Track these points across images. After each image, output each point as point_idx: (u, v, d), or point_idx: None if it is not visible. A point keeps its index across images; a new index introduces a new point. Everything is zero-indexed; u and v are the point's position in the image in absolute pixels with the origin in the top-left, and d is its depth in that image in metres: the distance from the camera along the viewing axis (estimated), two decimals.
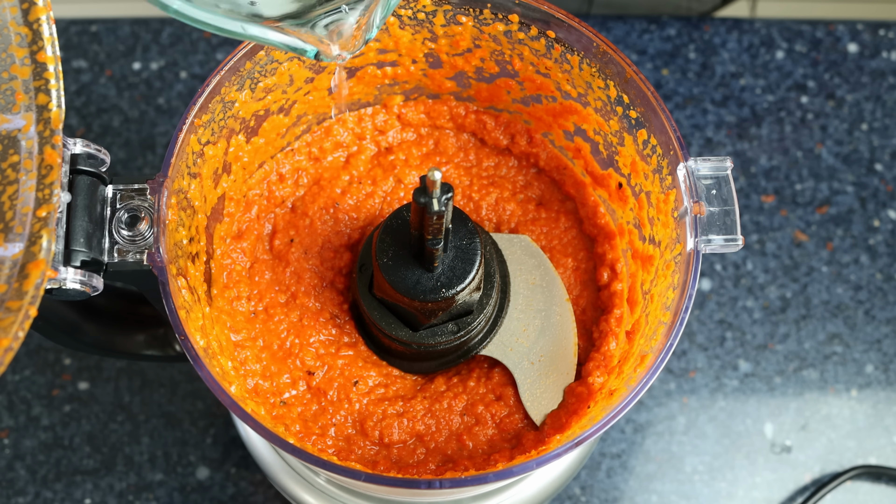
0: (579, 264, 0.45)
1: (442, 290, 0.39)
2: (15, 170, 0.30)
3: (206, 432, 0.58)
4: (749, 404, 0.60)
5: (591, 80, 0.42)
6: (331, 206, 0.45)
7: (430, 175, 0.34)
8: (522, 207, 0.46)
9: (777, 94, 0.66)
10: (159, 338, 0.49)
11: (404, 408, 0.42)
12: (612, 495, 0.58)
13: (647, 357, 0.37)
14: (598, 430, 0.35)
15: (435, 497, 0.46)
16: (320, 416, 0.42)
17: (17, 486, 0.57)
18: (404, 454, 0.42)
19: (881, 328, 0.61)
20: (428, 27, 0.43)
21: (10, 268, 0.29)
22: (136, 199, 0.36)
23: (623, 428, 0.59)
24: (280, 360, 0.42)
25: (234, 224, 0.44)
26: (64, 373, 0.59)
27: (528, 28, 0.42)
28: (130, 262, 0.35)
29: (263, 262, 0.44)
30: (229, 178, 0.43)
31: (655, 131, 0.40)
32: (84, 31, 0.66)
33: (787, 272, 0.62)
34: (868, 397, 0.60)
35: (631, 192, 0.43)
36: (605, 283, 0.44)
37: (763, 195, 0.64)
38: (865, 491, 0.58)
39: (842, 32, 0.68)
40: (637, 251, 0.43)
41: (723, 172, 0.38)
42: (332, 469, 0.35)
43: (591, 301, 0.45)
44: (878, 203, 0.64)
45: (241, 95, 0.41)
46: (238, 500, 0.57)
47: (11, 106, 0.30)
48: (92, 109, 0.64)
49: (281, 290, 0.44)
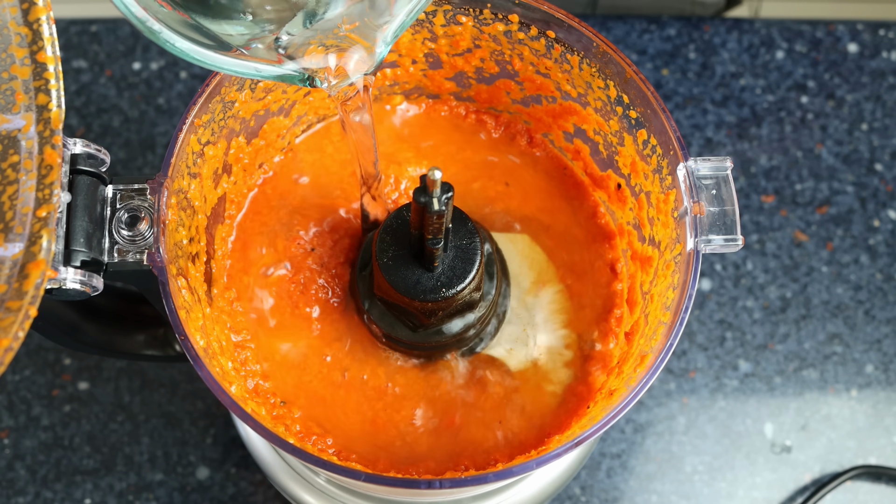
0: (579, 264, 0.45)
1: (442, 290, 0.39)
2: (15, 170, 0.30)
3: (206, 432, 0.58)
4: (749, 404, 0.60)
5: (591, 80, 0.42)
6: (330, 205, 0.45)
7: (431, 174, 0.34)
8: (522, 208, 0.46)
9: (777, 94, 0.66)
10: (159, 338, 0.49)
11: (405, 407, 0.42)
12: (612, 495, 0.58)
13: (647, 357, 0.37)
14: (598, 430, 0.35)
15: (435, 497, 0.46)
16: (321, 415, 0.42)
17: (17, 486, 0.57)
18: (404, 453, 0.42)
19: (881, 328, 0.61)
20: (428, 27, 0.43)
21: (10, 268, 0.29)
22: (136, 199, 0.36)
23: (623, 428, 0.59)
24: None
25: (235, 229, 0.44)
26: (64, 373, 0.59)
27: (528, 28, 0.42)
28: (130, 262, 0.35)
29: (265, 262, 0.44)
30: (230, 178, 0.43)
31: (655, 131, 0.40)
32: (84, 31, 0.66)
33: (787, 272, 0.62)
34: (868, 397, 0.60)
35: (630, 192, 0.43)
36: (604, 283, 0.44)
37: (763, 195, 0.64)
38: (865, 491, 0.58)
39: (842, 32, 0.68)
40: (636, 252, 0.43)
41: (723, 172, 0.38)
42: (332, 469, 0.35)
43: (590, 301, 0.45)
44: (878, 203, 0.64)
45: (241, 95, 0.41)
46: (238, 500, 0.57)
47: (11, 106, 0.30)
48: (92, 109, 0.64)
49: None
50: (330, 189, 0.46)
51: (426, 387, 0.43)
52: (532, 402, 0.42)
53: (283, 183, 0.46)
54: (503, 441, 0.42)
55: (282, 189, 0.46)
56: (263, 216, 0.45)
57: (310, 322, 0.43)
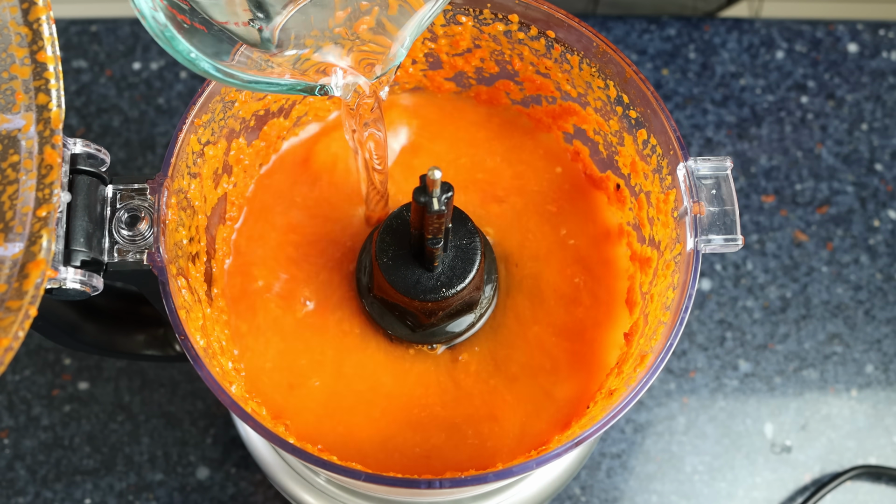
0: (578, 265, 0.45)
1: (442, 290, 0.39)
2: (15, 170, 0.30)
3: (206, 432, 0.58)
4: (749, 404, 0.60)
5: (590, 80, 0.42)
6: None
7: (431, 174, 0.34)
8: (521, 207, 0.46)
9: (777, 94, 0.66)
10: (159, 338, 0.49)
11: (405, 408, 0.42)
12: (612, 495, 0.58)
13: (647, 357, 0.37)
14: (598, 430, 0.35)
15: (435, 497, 0.46)
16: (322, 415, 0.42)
17: (17, 486, 0.57)
18: (404, 453, 0.42)
19: (881, 328, 0.61)
20: (428, 27, 0.43)
21: (10, 268, 0.29)
22: (136, 199, 0.36)
23: (623, 428, 0.59)
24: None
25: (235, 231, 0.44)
26: (64, 373, 0.59)
27: (528, 28, 0.42)
28: (130, 261, 0.35)
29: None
30: (230, 179, 0.43)
31: (655, 131, 0.40)
32: (84, 31, 0.66)
33: (787, 272, 0.62)
34: (868, 397, 0.60)
35: (630, 192, 0.43)
36: (603, 283, 0.44)
37: (763, 195, 0.64)
38: (865, 491, 0.58)
39: (842, 32, 0.68)
40: (635, 253, 0.43)
41: (723, 172, 0.38)
42: (332, 469, 0.35)
43: (590, 301, 0.44)
44: (878, 203, 0.64)
45: (241, 95, 0.41)
46: (238, 500, 0.57)
47: (11, 106, 0.30)
48: (92, 109, 0.65)
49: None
50: (331, 188, 0.46)
51: (427, 387, 0.43)
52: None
53: (283, 183, 0.46)
54: (503, 440, 0.42)
55: (282, 189, 0.46)
56: (264, 216, 0.45)
57: (309, 321, 0.43)
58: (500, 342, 0.43)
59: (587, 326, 0.43)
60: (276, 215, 0.45)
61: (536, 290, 0.44)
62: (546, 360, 0.42)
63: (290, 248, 0.44)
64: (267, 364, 0.42)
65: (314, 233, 0.45)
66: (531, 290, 0.44)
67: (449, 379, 0.43)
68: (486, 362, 0.43)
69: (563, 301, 0.43)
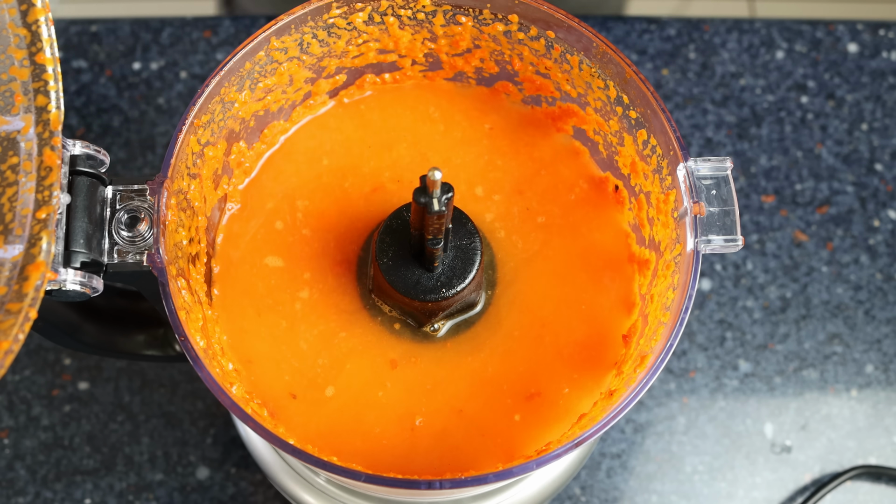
0: (578, 265, 0.45)
1: (442, 290, 0.39)
2: (14, 171, 0.30)
3: (206, 432, 0.58)
4: (749, 404, 0.60)
5: (590, 80, 0.42)
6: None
7: (431, 175, 0.34)
8: (520, 207, 0.46)
9: (777, 94, 0.66)
10: (159, 338, 0.49)
11: (405, 408, 0.42)
12: (612, 495, 0.58)
13: (647, 357, 0.37)
14: (597, 430, 0.35)
15: (435, 497, 0.46)
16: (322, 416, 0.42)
17: (17, 486, 0.57)
18: (404, 453, 0.42)
19: (881, 328, 0.61)
20: (428, 27, 0.43)
21: (10, 270, 0.29)
22: (136, 200, 0.36)
23: (623, 428, 0.59)
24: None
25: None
26: (64, 373, 0.59)
27: (528, 28, 0.42)
28: (130, 262, 0.35)
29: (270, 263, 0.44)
30: (230, 179, 0.43)
31: (655, 131, 0.40)
32: (84, 31, 0.66)
33: (787, 272, 0.62)
34: (868, 397, 0.60)
35: (630, 193, 0.43)
36: (603, 284, 0.44)
37: (763, 195, 0.64)
38: (865, 491, 0.58)
39: (842, 32, 0.68)
40: (634, 255, 0.43)
41: (723, 172, 0.38)
42: (332, 469, 0.35)
43: (589, 302, 0.44)
44: (878, 203, 0.64)
45: (241, 96, 0.41)
46: (238, 500, 0.57)
47: (10, 107, 0.30)
48: (92, 109, 0.64)
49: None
50: (331, 189, 0.46)
51: (426, 386, 0.43)
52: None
53: (284, 182, 0.46)
54: (503, 441, 0.42)
55: (283, 189, 0.46)
56: (263, 216, 0.45)
57: (310, 321, 0.43)
58: (500, 342, 0.43)
59: (587, 326, 0.43)
60: (276, 215, 0.45)
61: (535, 291, 0.44)
62: (546, 359, 0.42)
63: (290, 248, 0.44)
64: (267, 364, 0.42)
65: (315, 233, 0.45)
66: (530, 290, 0.44)
67: (449, 379, 0.43)
68: (485, 362, 0.43)
69: (562, 301, 0.43)
